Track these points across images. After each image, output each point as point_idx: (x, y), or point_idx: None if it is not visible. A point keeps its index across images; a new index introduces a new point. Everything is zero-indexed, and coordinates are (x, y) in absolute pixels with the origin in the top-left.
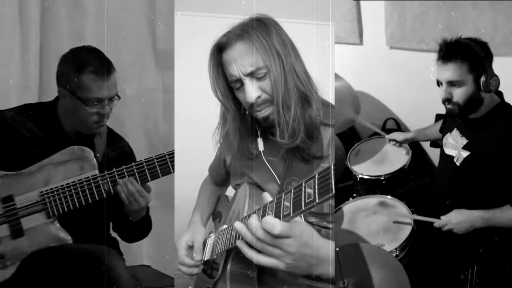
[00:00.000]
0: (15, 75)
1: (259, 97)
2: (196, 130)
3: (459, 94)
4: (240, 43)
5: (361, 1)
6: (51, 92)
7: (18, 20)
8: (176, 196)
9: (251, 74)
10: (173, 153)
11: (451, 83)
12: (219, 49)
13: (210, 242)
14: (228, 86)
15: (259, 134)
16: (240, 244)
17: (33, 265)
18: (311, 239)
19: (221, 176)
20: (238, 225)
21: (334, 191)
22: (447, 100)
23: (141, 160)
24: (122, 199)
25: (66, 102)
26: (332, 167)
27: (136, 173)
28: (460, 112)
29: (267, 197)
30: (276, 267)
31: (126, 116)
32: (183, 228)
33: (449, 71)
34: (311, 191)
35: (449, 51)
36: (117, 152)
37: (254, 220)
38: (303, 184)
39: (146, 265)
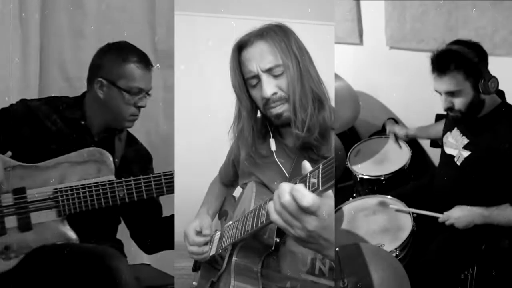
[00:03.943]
0: (15, 74)
1: (275, 93)
2: (196, 130)
3: (460, 102)
4: (261, 42)
5: (361, 1)
6: (51, 92)
7: (19, 20)
8: (176, 197)
9: (268, 71)
10: (168, 173)
11: (450, 93)
12: (240, 48)
13: (216, 238)
14: (244, 84)
15: (271, 135)
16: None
17: (36, 260)
18: (332, 223)
19: (229, 177)
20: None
21: (334, 180)
22: (449, 109)
23: (159, 173)
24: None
25: (104, 93)
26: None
27: (153, 184)
28: (464, 118)
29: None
30: (288, 233)
31: None
32: (183, 228)
33: (446, 83)
34: (315, 180)
35: (442, 63)
36: (134, 155)
37: (286, 185)
38: (308, 175)
39: (146, 264)
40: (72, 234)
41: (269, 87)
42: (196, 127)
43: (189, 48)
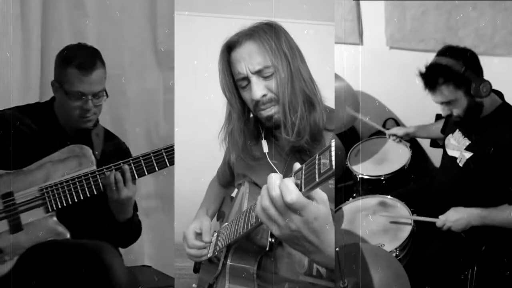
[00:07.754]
0: (16, 75)
1: (264, 95)
2: (196, 130)
3: (457, 110)
4: (250, 42)
5: (361, 1)
6: (52, 92)
7: (20, 21)
8: (176, 197)
9: (258, 72)
10: (169, 148)
11: (446, 103)
12: (229, 48)
13: (213, 240)
14: (234, 85)
15: (262, 136)
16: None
17: (30, 260)
18: (322, 229)
19: (226, 177)
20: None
21: (333, 167)
22: (449, 116)
23: (138, 155)
24: (104, 186)
25: (58, 95)
26: (332, 143)
27: (133, 167)
28: (465, 121)
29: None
30: (271, 230)
31: (127, 116)
32: (183, 229)
33: (439, 96)
34: (298, 181)
35: (430, 79)
36: (113, 149)
37: (275, 178)
38: (293, 176)
39: (147, 265)
40: (62, 229)
41: (258, 89)
42: (196, 127)
43: (189, 48)
